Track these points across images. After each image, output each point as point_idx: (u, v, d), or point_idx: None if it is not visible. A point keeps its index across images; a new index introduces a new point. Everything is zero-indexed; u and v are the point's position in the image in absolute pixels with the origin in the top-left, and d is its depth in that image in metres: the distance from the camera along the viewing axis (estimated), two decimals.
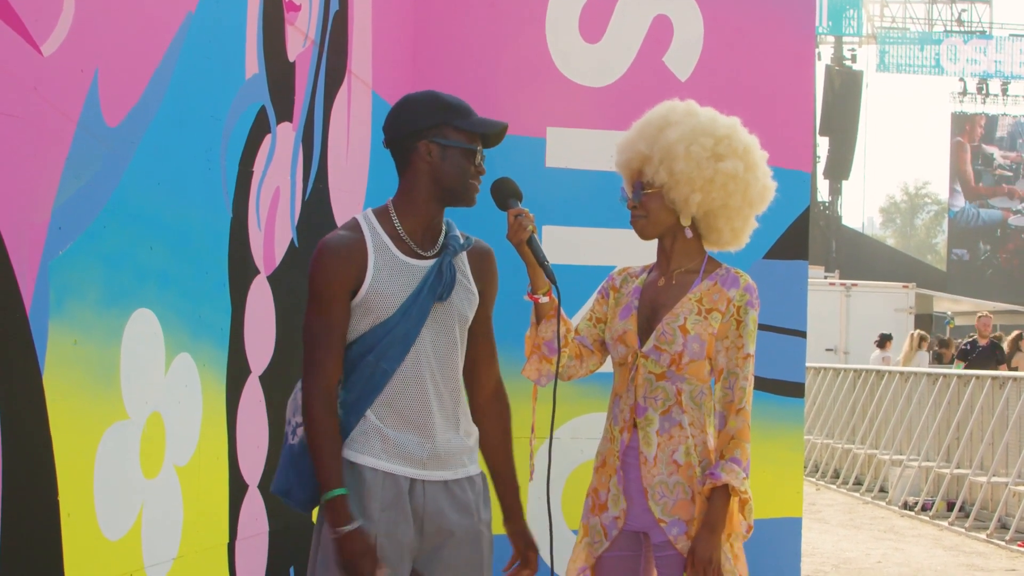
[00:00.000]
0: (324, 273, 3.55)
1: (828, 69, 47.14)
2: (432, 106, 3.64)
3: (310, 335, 3.57)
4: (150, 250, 3.85)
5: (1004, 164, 53.79)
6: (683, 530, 3.93)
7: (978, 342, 17.90)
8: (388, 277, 3.57)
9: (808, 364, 12.01)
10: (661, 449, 3.97)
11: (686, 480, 3.95)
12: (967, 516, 12.60)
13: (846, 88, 47.25)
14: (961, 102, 52.37)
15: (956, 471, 13.20)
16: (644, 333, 4.04)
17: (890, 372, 15.72)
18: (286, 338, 4.89)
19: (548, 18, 6.78)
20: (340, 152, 5.59)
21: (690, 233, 4.05)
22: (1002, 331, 37.16)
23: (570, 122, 6.77)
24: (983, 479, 12.46)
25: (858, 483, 15.53)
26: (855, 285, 26.26)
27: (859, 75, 48.09)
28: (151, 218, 3.84)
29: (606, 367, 4.31)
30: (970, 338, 18.71)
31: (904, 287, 26.39)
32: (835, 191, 48.76)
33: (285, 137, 4.90)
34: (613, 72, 6.80)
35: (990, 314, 19.32)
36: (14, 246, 3.08)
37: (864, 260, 45.45)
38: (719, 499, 3.90)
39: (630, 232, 4.20)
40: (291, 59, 4.96)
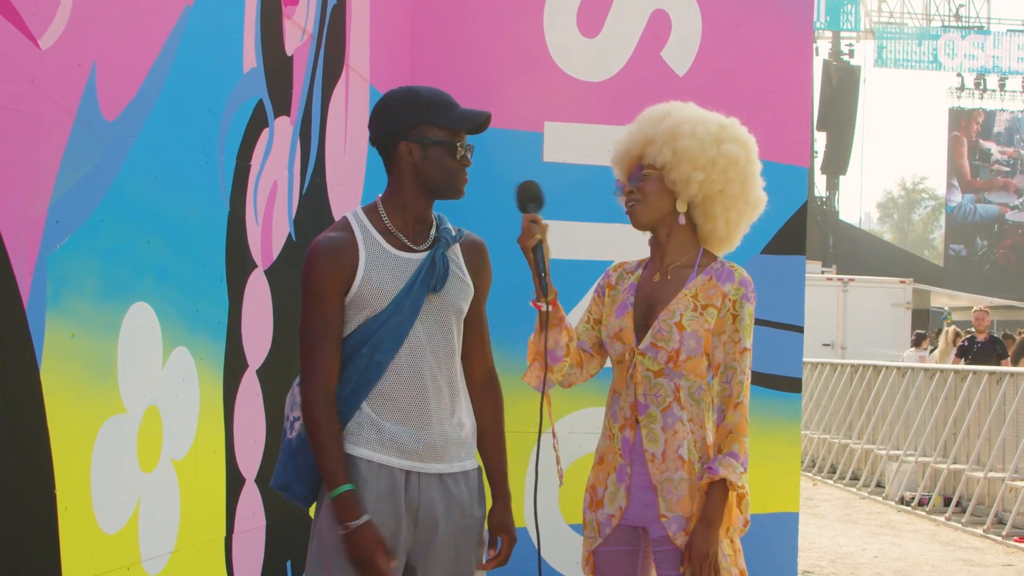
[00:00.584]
0: (316, 274, 3.58)
1: (826, 64, 47.15)
2: (410, 105, 3.64)
3: (307, 336, 3.60)
4: (148, 244, 3.85)
5: (1001, 159, 53.80)
6: (682, 526, 3.92)
7: (976, 338, 17.61)
8: (380, 272, 3.59)
9: (805, 359, 12.01)
10: (668, 445, 3.96)
11: (688, 476, 3.95)
12: (964, 511, 12.60)
13: (844, 83, 47.27)
14: (958, 97, 52.37)
15: (953, 466, 13.20)
16: (640, 330, 4.03)
17: (887, 367, 15.72)
18: (283, 332, 4.89)
19: (546, 12, 6.78)
20: (338, 146, 5.59)
21: (683, 220, 4.04)
22: (999, 327, 37.18)
23: (568, 116, 6.77)
24: (980, 474, 12.46)
25: (855, 478, 15.53)
26: (852, 280, 26.25)
27: (857, 70, 48.09)
28: (149, 212, 3.84)
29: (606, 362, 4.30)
30: (968, 334, 18.44)
31: (901, 282, 26.37)
32: (832, 186, 48.79)
33: (283, 131, 4.90)
34: (611, 67, 6.80)
35: (987, 309, 19.08)
36: (12, 239, 3.08)
37: (861, 255, 45.48)
38: (717, 494, 3.90)
39: (627, 227, 4.20)
40: (289, 53, 4.96)
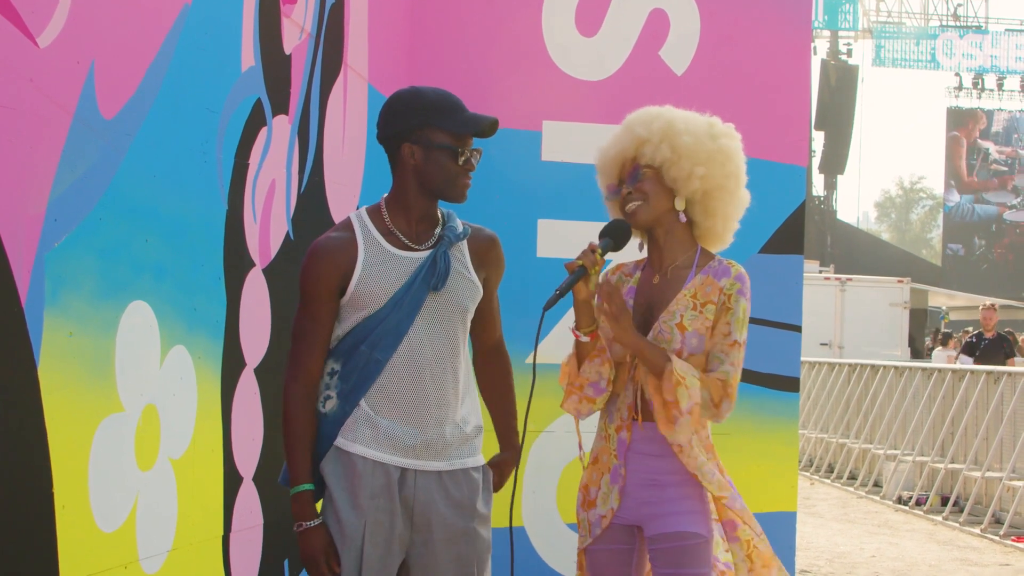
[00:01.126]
0: (311, 274, 3.61)
1: (824, 64, 47.17)
2: (414, 107, 3.65)
3: (297, 334, 3.64)
4: (146, 242, 3.85)
5: (999, 159, 53.82)
6: (741, 504, 3.96)
7: (984, 335, 17.25)
8: (378, 271, 3.60)
9: (803, 359, 12.01)
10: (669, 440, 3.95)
11: (711, 461, 3.97)
12: (961, 511, 12.61)
13: (842, 83, 47.28)
14: (957, 97, 52.40)
15: (951, 466, 13.21)
16: (641, 332, 4.02)
17: (884, 367, 15.72)
18: (281, 331, 4.89)
19: (544, 11, 6.78)
20: (336, 145, 5.59)
21: (683, 218, 4.03)
22: (997, 326, 37.14)
23: (566, 116, 6.77)
24: (977, 474, 12.47)
25: (852, 477, 15.54)
26: (850, 280, 26.27)
27: (855, 70, 48.11)
28: (147, 210, 3.84)
29: None
30: (973, 331, 17.99)
31: (899, 282, 26.38)
32: (830, 186, 48.80)
33: (281, 130, 4.90)
34: (609, 66, 6.80)
35: (994, 305, 18.78)
36: (10, 238, 3.08)
37: (859, 255, 45.50)
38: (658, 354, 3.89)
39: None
40: (287, 52, 4.95)
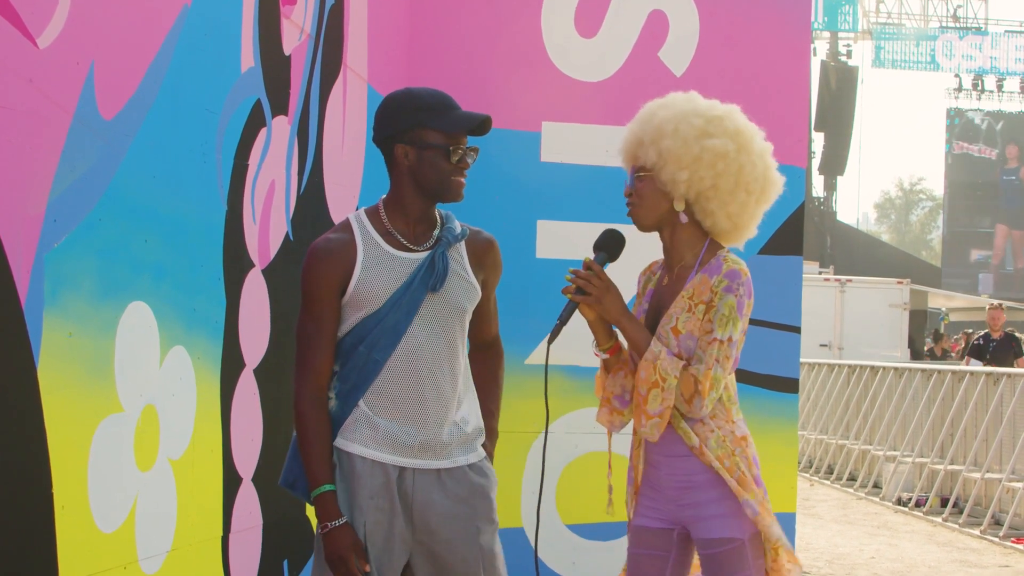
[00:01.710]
0: (312, 276, 3.62)
1: (823, 65, 47.13)
2: (406, 108, 3.66)
3: (301, 336, 3.64)
4: (145, 243, 3.85)
5: None
6: (756, 511, 3.87)
7: (991, 336, 16.65)
8: (377, 271, 3.61)
9: (802, 360, 12.01)
10: (701, 439, 3.90)
11: (731, 466, 3.89)
12: (961, 512, 12.60)
13: (841, 84, 47.25)
14: (956, 98, 52.40)
15: (950, 467, 13.20)
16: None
17: (884, 368, 15.71)
18: (281, 331, 4.89)
19: (544, 12, 6.78)
20: (335, 146, 5.59)
21: (684, 219, 3.98)
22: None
23: (565, 116, 6.78)
24: (977, 475, 12.46)
25: (852, 479, 15.53)
26: (849, 281, 26.24)
27: (854, 71, 48.08)
28: (146, 211, 3.84)
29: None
30: (979, 333, 17.35)
31: (899, 283, 26.35)
32: (830, 187, 48.77)
33: (280, 130, 4.90)
34: (609, 67, 6.81)
35: (1001, 304, 18.37)
36: (9, 238, 3.08)
37: (859, 256, 45.48)
38: (641, 336, 3.89)
39: (625, 227, 4.17)
40: (287, 53, 4.96)
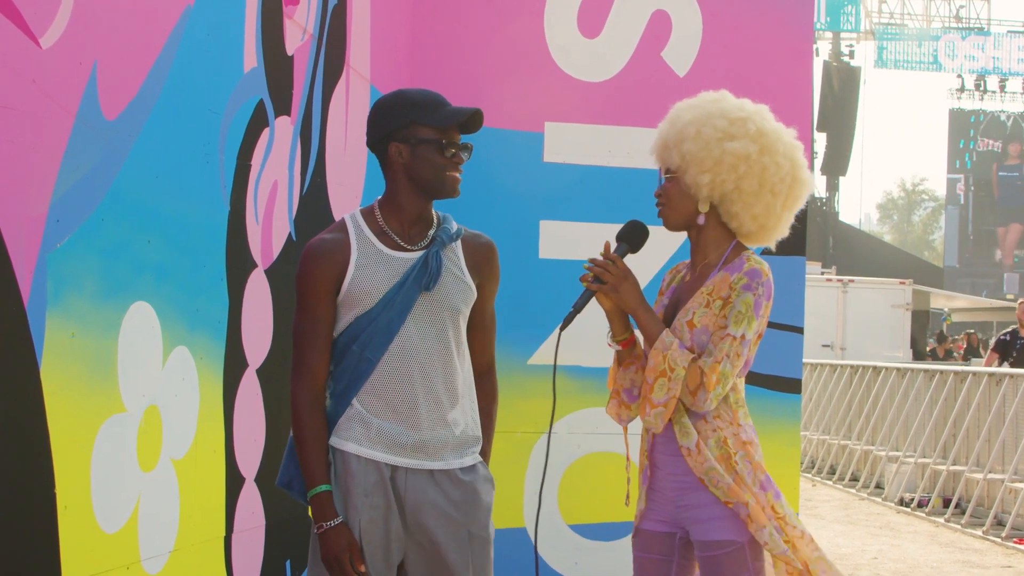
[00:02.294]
0: (307, 276, 3.63)
1: (826, 65, 47.14)
2: (398, 107, 3.69)
3: (298, 336, 3.65)
4: (148, 243, 3.85)
5: None
6: (746, 512, 3.85)
7: (1019, 333, 15.49)
8: (371, 270, 3.61)
9: (805, 360, 12.01)
10: (701, 435, 3.88)
11: (725, 471, 3.87)
12: (963, 512, 12.60)
13: (844, 84, 47.26)
14: (959, 98, 52.42)
15: (952, 467, 13.20)
16: None
17: (886, 368, 15.71)
18: (283, 332, 4.89)
19: (546, 12, 6.78)
20: (338, 146, 5.59)
21: (703, 220, 3.98)
22: (998, 328, 37.04)
23: (568, 117, 6.77)
24: (979, 475, 12.45)
25: (854, 479, 15.53)
26: (852, 281, 26.22)
27: (857, 71, 48.09)
28: (149, 211, 3.84)
29: (606, 362, 4.29)
30: (1005, 330, 16.75)
31: (901, 283, 26.34)
32: (832, 187, 48.78)
33: (283, 131, 4.90)
34: (611, 67, 6.80)
35: None
36: (12, 238, 3.08)
37: (861, 256, 45.48)
38: (654, 324, 3.88)
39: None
40: (289, 53, 4.96)
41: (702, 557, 3.87)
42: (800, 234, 6.86)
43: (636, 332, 4.04)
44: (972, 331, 31.53)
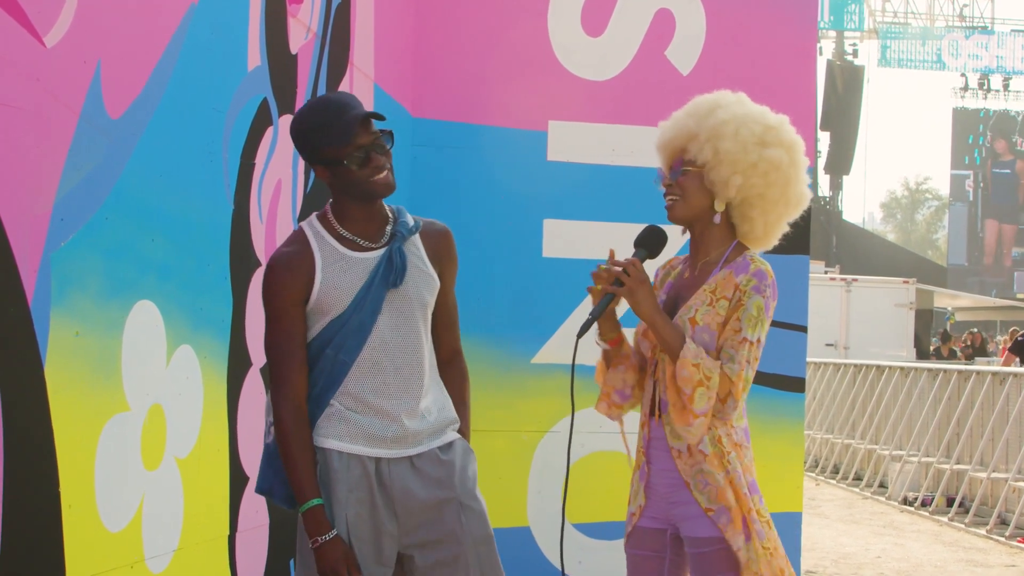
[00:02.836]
0: (275, 291, 3.62)
1: (829, 64, 47.10)
2: (300, 136, 3.67)
3: (272, 351, 3.64)
4: (152, 242, 3.85)
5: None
6: (728, 519, 3.86)
7: None
8: (337, 275, 3.61)
9: (808, 359, 12.01)
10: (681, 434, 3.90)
11: (717, 469, 3.88)
12: (967, 512, 12.59)
13: (847, 83, 47.23)
14: (962, 97, 52.38)
15: (956, 467, 13.19)
16: None
17: (890, 367, 15.70)
18: None
19: (550, 11, 6.78)
20: None
21: (719, 219, 3.98)
22: (1002, 327, 37.04)
23: (572, 116, 6.77)
24: (983, 475, 12.45)
25: (858, 478, 15.52)
26: (855, 280, 26.21)
27: (860, 70, 48.05)
28: (153, 210, 3.84)
29: None
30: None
31: (904, 282, 26.33)
32: (836, 186, 48.75)
33: (287, 129, 4.90)
34: (615, 66, 6.80)
35: None
36: (16, 237, 3.08)
37: (864, 255, 45.45)
38: (674, 333, 3.87)
39: (631, 226, 4.17)
40: (293, 51, 4.96)
41: (691, 554, 3.89)
42: (804, 233, 6.86)
43: (627, 335, 4.05)
44: (975, 330, 31.50)
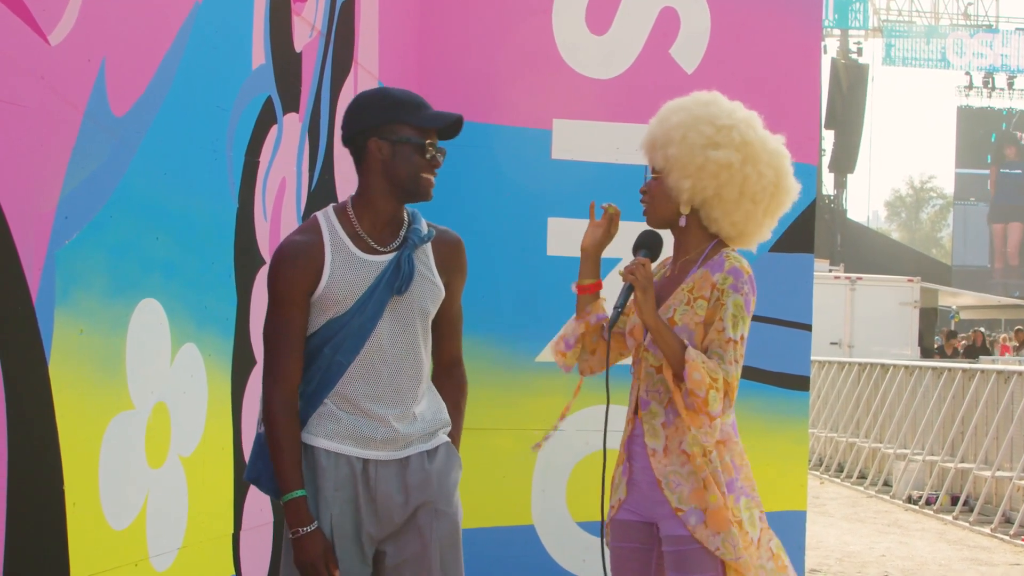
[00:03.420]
0: (281, 278, 3.60)
1: (834, 62, 47.04)
2: (381, 104, 3.66)
3: (270, 339, 3.63)
4: (156, 240, 3.85)
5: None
6: (701, 519, 3.87)
7: None
8: (344, 275, 3.60)
9: (813, 358, 12.00)
10: (670, 440, 3.93)
11: (696, 469, 3.90)
12: (971, 510, 12.59)
13: (852, 81, 47.17)
14: (967, 96, 52.32)
15: (960, 465, 13.19)
16: None
17: (895, 366, 15.70)
18: None
19: (555, 9, 6.77)
20: None
21: (684, 222, 4.02)
22: (1007, 325, 37.01)
23: (576, 114, 6.77)
24: (987, 473, 12.45)
25: (862, 477, 15.52)
26: (860, 279, 26.20)
27: (865, 68, 47.98)
28: (157, 208, 3.84)
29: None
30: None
31: (909, 281, 26.32)
32: (840, 184, 48.67)
33: (291, 127, 4.90)
34: (619, 64, 6.80)
35: None
36: (20, 235, 3.08)
37: (869, 254, 45.40)
38: (674, 340, 3.89)
39: (635, 225, 4.19)
40: (298, 49, 4.96)
41: (668, 552, 3.92)
42: (808, 231, 6.86)
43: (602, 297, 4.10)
44: (980, 329, 31.48)
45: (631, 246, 4.09)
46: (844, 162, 48.01)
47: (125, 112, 3.60)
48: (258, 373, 4.65)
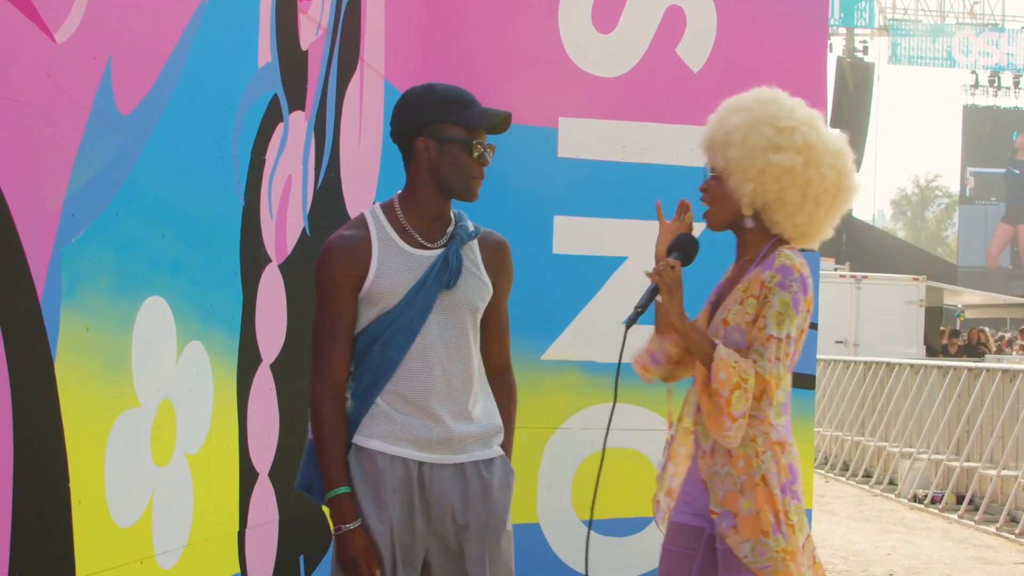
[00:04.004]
0: (329, 273, 3.60)
1: (840, 61, 47.01)
2: (429, 102, 3.65)
3: (318, 334, 3.62)
4: (162, 238, 3.85)
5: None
6: (732, 523, 3.83)
7: None
8: (393, 269, 3.59)
9: (818, 356, 12.00)
10: (718, 441, 3.88)
11: (735, 471, 3.86)
12: (977, 509, 12.58)
13: (858, 80, 47.12)
14: (973, 95, 52.25)
15: (966, 464, 13.18)
16: (707, 327, 3.99)
17: (900, 365, 15.69)
18: (297, 327, 4.89)
19: (560, 7, 6.77)
20: (352, 141, 5.59)
21: (750, 224, 3.96)
22: (1012, 324, 36.94)
23: (582, 112, 6.77)
24: (993, 472, 12.44)
25: (867, 476, 15.52)
26: (865, 278, 26.17)
27: (871, 67, 47.94)
28: (163, 206, 3.84)
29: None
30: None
31: (914, 280, 26.29)
32: None
33: (297, 126, 4.90)
34: (626, 62, 6.80)
35: None
36: (27, 233, 3.08)
37: (874, 253, 45.36)
38: (703, 339, 3.86)
39: (641, 223, 4.18)
40: (304, 48, 4.95)
41: (720, 549, 3.87)
42: None
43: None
44: (984, 328, 31.43)
45: (645, 246, 4.07)
46: None
47: (131, 110, 3.60)
48: (264, 371, 4.65)
